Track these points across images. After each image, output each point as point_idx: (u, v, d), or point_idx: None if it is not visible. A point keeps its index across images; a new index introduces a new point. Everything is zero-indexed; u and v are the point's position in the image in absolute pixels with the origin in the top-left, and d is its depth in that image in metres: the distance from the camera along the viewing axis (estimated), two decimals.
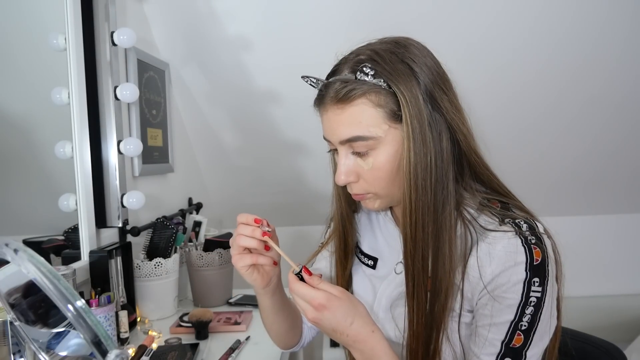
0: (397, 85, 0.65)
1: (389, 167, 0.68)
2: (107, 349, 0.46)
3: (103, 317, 1.01)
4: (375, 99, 0.66)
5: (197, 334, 1.16)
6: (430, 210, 0.66)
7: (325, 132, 0.72)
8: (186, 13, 1.49)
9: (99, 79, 1.23)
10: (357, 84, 0.66)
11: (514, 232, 0.65)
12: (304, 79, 0.74)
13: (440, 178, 0.66)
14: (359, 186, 0.72)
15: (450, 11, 1.43)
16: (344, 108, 0.67)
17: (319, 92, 0.71)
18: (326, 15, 1.45)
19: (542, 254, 0.63)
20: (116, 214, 1.26)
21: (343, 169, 0.70)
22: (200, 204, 1.81)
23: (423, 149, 0.65)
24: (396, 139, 0.67)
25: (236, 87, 1.65)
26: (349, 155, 0.70)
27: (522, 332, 0.64)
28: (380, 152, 0.68)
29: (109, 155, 1.25)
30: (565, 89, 1.65)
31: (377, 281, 0.81)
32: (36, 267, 0.47)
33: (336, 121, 0.68)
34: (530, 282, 0.63)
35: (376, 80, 0.66)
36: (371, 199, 0.73)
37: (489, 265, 0.65)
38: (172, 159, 1.62)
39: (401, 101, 0.65)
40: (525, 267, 0.63)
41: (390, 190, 0.70)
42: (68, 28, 1.11)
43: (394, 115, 0.66)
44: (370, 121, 0.66)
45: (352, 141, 0.67)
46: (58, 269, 0.94)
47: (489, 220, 0.68)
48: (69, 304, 0.46)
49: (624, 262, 2.19)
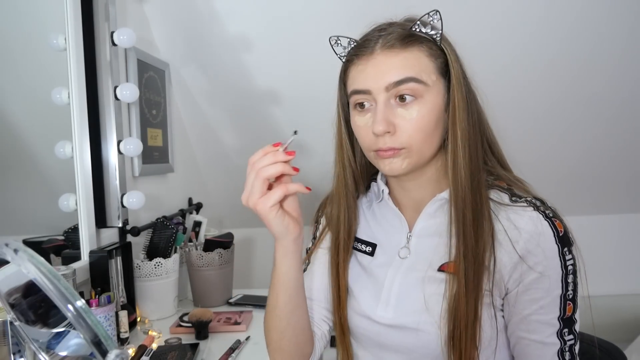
0: (446, 44, 0.70)
1: (431, 119, 0.68)
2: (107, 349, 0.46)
3: (103, 317, 1.01)
4: (427, 49, 0.68)
5: (197, 334, 1.16)
6: (475, 161, 0.69)
7: (364, 80, 0.69)
8: (186, 13, 1.49)
9: (99, 79, 1.23)
10: (412, 34, 0.68)
11: (532, 208, 0.67)
12: (331, 39, 0.73)
13: (478, 136, 0.70)
14: (396, 139, 0.68)
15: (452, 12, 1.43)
16: (399, 53, 0.68)
17: (361, 42, 0.71)
18: (326, 15, 1.45)
19: (562, 224, 0.67)
20: (116, 214, 1.26)
21: (383, 116, 0.67)
22: (200, 204, 1.81)
23: (466, 102, 0.68)
24: (440, 92, 0.69)
25: (236, 87, 1.65)
26: (389, 104, 0.68)
27: (570, 301, 0.67)
28: (425, 102, 0.68)
29: (109, 155, 1.25)
30: (569, 88, 1.64)
31: (379, 270, 0.77)
32: (36, 267, 0.47)
33: (387, 64, 0.68)
34: (563, 252, 0.66)
35: (433, 32, 0.68)
36: (402, 157, 0.69)
37: (520, 239, 0.66)
38: (172, 159, 1.62)
39: (450, 58, 0.69)
40: (555, 240, 0.65)
41: (424, 147, 0.69)
42: (68, 28, 1.11)
43: (443, 70, 0.69)
44: (424, 67, 0.68)
45: (404, 83, 0.66)
46: (58, 269, 0.94)
47: (501, 195, 0.70)
48: (69, 304, 0.46)
49: (624, 262, 2.18)
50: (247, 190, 0.67)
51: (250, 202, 0.67)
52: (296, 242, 0.72)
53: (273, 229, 0.69)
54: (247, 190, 0.67)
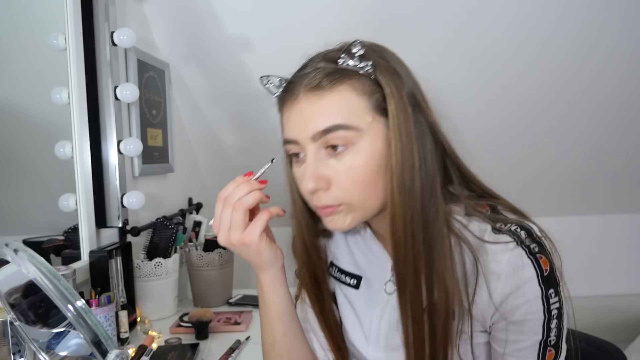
0: (382, 74, 0.60)
1: (369, 169, 0.59)
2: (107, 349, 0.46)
3: (103, 317, 1.01)
4: (358, 86, 0.59)
5: (197, 334, 1.16)
6: (419, 217, 0.59)
7: (291, 129, 0.61)
8: (186, 13, 1.49)
9: (99, 79, 1.23)
10: (338, 69, 0.59)
11: (514, 243, 0.58)
12: (262, 80, 0.66)
13: (428, 181, 0.59)
14: (330, 195, 0.60)
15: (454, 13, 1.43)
16: (322, 95, 0.59)
17: (286, 85, 0.63)
18: (326, 15, 1.45)
19: (548, 262, 0.58)
20: (116, 214, 1.26)
21: (312, 170, 0.59)
22: (200, 204, 1.81)
23: (409, 146, 0.58)
24: (379, 135, 0.59)
25: (236, 87, 1.65)
26: (320, 155, 0.60)
27: (552, 347, 0.59)
28: (360, 149, 0.59)
29: (109, 155, 1.25)
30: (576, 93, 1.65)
31: (365, 309, 0.71)
32: (36, 267, 0.47)
33: (311, 110, 0.59)
34: (548, 296, 0.58)
35: (362, 64, 0.59)
36: (342, 214, 0.61)
37: (497, 284, 0.58)
38: (172, 159, 1.62)
39: (386, 91, 0.59)
40: (538, 281, 0.57)
41: (367, 200, 0.61)
42: (68, 28, 1.11)
43: (379, 107, 0.59)
44: (354, 109, 0.58)
45: (330, 131, 0.58)
46: (58, 269, 0.94)
47: (482, 227, 0.61)
48: (69, 304, 0.46)
49: (624, 262, 2.19)
50: (224, 228, 0.63)
51: (233, 239, 0.63)
52: (282, 269, 0.69)
53: (263, 259, 0.65)
54: (225, 226, 0.62)
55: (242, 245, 0.63)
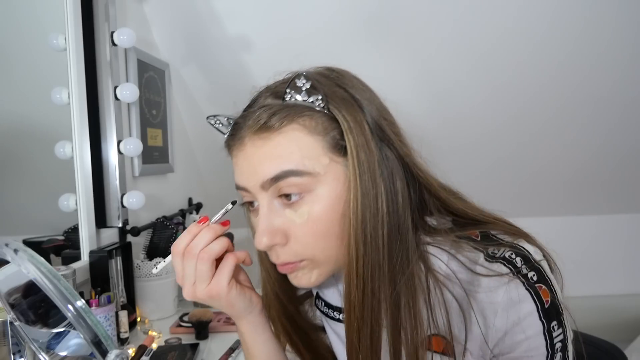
0: (337, 107, 0.52)
1: (330, 219, 0.51)
2: (107, 349, 0.46)
3: (103, 317, 1.01)
4: (310, 124, 0.51)
5: (197, 334, 1.15)
6: (383, 271, 0.51)
7: (240, 176, 0.55)
8: (186, 13, 1.49)
9: (99, 79, 1.23)
10: (285, 106, 0.52)
11: (510, 274, 0.51)
12: (209, 121, 0.60)
13: (396, 227, 0.52)
14: (289, 250, 0.53)
15: (453, 10, 1.43)
16: (269, 138, 0.51)
17: (232, 128, 0.56)
18: (326, 15, 1.45)
19: (549, 291, 0.51)
20: (116, 214, 1.26)
21: (266, 225, 0.52)
22: (200, 204, 1.81)
23: (373, 189, 0.50)
24: (339, 177, 0.52)
25: (236, 87, 1.65)
26: (273, 206, 0.53)
27: None
28: (319, 197, 0.51)
29: (109, 155, 1.25)
30: (575, 92, 1.65)
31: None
32: (36, 267, 0.47)
33: (258, 156, 0.52)
34: (550, 330, 0.51)
35: (312, 98, 0.52)
36: (305, 270, 0.55)
37: (494, 320, 0.52)
38: (172, 159, 1.62)
39: (344, 126, 0.51)
40: (538, 316, 0.51)
41: (332, 253, 0.53)
42: (68, 28, 1.11)
43: (337, 145, 0.52)
44: (306, 151, 0.51)
45: (281, 179, 0.51)
46: (58, 269, 0.94)
47: (472, 257, 0.54)
48: (69, 304, 0.46)
49: (624, 262, 2.19)
50: (189, 282, 0.56)
51: (199, 293, 0.56)
52: (262, 313, 0.63)
53: (237, 307, 0.59)
54: (189, 281, 0.56)
55: (210, 298, 0.57)
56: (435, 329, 0.53)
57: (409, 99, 1.63)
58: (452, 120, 1.72)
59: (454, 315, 0.53)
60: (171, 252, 0.58)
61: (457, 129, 1.73)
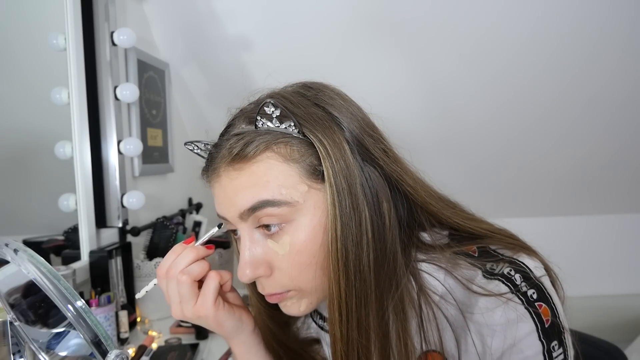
0: (312, 130, 0.49)
1: (313, 249, 0.49)
2: (107, 349, 0.46)
3: (103, 317, 1.01)
4: (285, 152, 0.49)
5: (197, 334, 1.15)
6: (370, 300, 0.48)
7: (219, 206, 0.53)
8: (186, 13, 1.49)
9: (99, 79, 1.23)
10: (257, 134, 0.50)
11: (509, 292, 0.49)
12: (187, 147, 0.60)
13: (382, 252, 0.49)
14: (274, 282, 0.51)
15: (451, 9, 1.43)
16: (243, 168, 0.50)
17: (207, 157, 0.56)
18: (326, 15, 1.45)
19: (549, 309, 0.49)
20: (116, 214, 1.26)
21: (248, 257, 0.50)
22: (200, 204, 1.81)
23: (355, 215, 0.48)
24: (319, 205, 0.49)
25: (236, 87, 1.64)
26: (254, 236, 0.51)
27: None
28: (300, 226, 0.49)
29: (109, 155, 1.25)
30: (566, 90, 1.65)
31: None
32: (36, 267, 0.47)
33: (232, 187, 0.50)
34: (550, 350, 0.49)
35: (284, 124, 0.49)
36: (294, 299, 0.53)
37: (492, 340, 0.50)
38: (172, 159, 1.62)
39: (320, 152, 0.48)
40: (538, 336, 0.49)
41: (319, 283, 0.51)
42: (68, 28, 1.11)
43: (315, 171, 0.49)
44: (282, 180, 0.49)
45: (258, 209, 0.49)
46: (58, 269, 0.94)
47: (469, 275, 0.52)
48: (69, 304, 0.46)
49: (624, 262, 2.18)
50: (175, 303, 0.55)
51: (187, 313, 0.55)
52: (255, 332, 0.61)
53: (226, 327, 0.57)
54: (175, 302, 0.55)
55: (197, 318, 0.55)
56: (428, 346, 0.51)
57: (409, 99, 1.63)
58: (451, 119, 1.72)
59: (448, 335, 0.52)
60: (156, 273, 0.57)
61: (457, 129, 1.73)
